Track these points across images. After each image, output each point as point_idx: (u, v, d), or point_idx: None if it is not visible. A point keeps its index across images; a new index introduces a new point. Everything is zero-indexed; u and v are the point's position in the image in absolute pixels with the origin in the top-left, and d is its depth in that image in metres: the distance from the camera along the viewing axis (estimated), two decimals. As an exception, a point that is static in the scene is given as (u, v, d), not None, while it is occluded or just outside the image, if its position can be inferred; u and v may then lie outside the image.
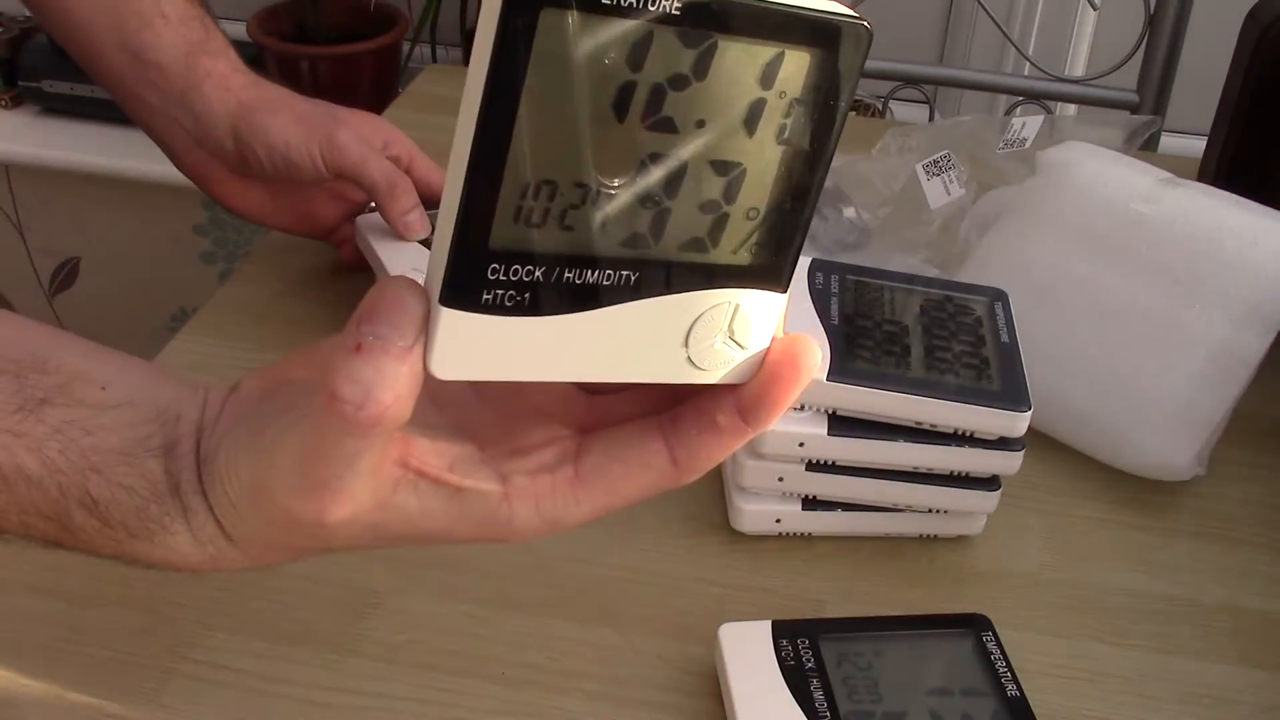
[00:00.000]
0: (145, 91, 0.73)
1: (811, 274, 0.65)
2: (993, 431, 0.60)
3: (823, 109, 0.35)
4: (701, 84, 0.33)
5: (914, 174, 0.87)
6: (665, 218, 0.35)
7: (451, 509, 0.37)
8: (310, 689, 0.54)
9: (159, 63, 0.72)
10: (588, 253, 0.34)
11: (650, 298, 0.35)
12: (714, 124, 0.34)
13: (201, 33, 0.73)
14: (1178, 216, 0.70)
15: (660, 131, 0.33)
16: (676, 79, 0.33)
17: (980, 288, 0.67)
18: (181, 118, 0.73)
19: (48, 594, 0.58)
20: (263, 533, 0.39)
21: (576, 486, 0.38)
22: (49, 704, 0.53)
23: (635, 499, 0.38)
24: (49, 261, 1.81)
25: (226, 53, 0.74)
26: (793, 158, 0.35)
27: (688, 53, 0.33)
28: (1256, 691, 0.58)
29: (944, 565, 0.63)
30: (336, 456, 0.34)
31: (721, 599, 0.60)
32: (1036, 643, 0.59)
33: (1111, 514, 0.67)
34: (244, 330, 0.77)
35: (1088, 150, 0.77)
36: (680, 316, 0.36)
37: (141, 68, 0.72)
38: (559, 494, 0.38)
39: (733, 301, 0.37)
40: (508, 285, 0.33)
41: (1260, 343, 0.68)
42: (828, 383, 0.58)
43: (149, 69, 0.72)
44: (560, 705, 0.55)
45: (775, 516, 0.63)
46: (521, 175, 0.32)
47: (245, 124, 0.72)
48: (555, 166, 0.33)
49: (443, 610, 0.59)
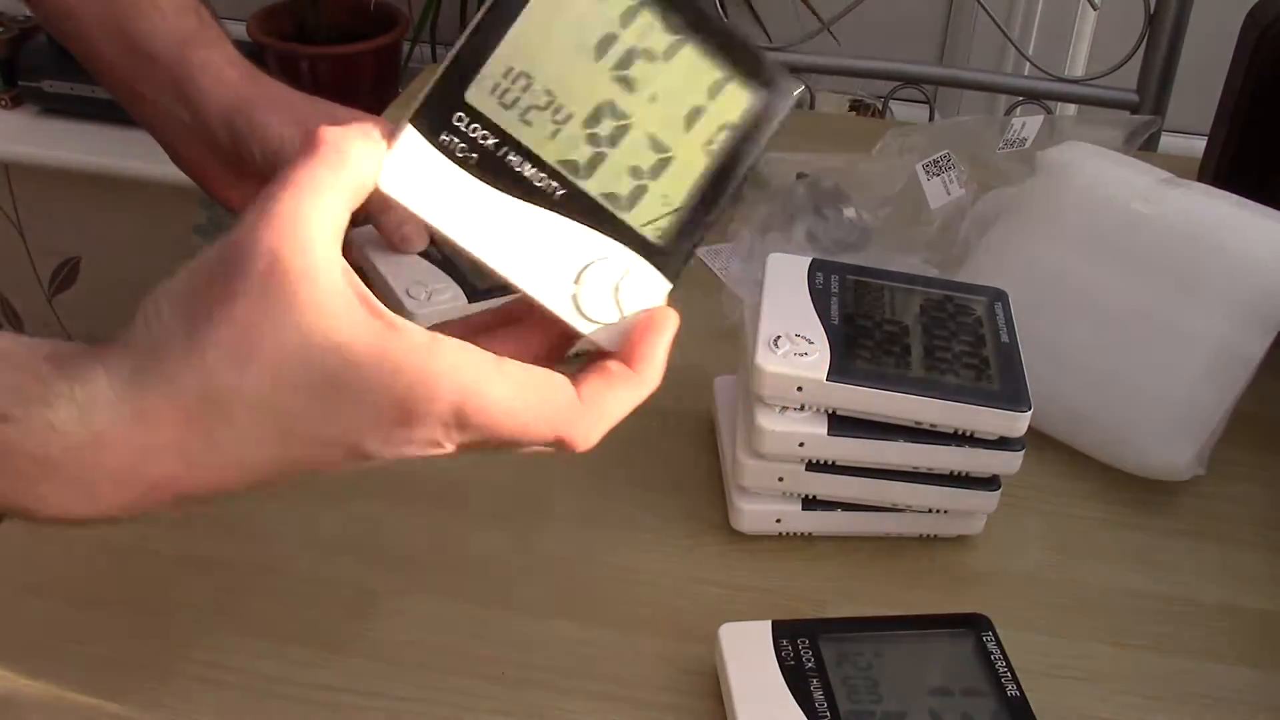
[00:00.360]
0: (139, 83, 0.72)
1: (811, 274, 0.65)
2: (993, 431, 0.60)
3: (743, 141, 0.42)
4: (666, 65, 0.41)
5: (914, 174, 0.87)
6: (600, 160, 0.41)
7: (374, 329, 0.38)
8: (310, 689, 0.54)
9: (152, 53, 0.71)
10: (534, 150, 0.40)
11: (565, 216, 0.41)
12: (662, 105, 0.41)
13: (196, 24, 0.72)
14: (1178, 216, 0.70)
15: (621, 86, 0.41)
16: (648, 51, 0.40)
17: (980, 288, 0.67)
18: (177, 110, 0.72)
19: (48, 594, 0.58)
20: (181, 359, 0.37)
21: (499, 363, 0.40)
22: (49, 704, 0.53)
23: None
24: (49, 261, 1.82)
25: (222, 45, 0.73)
26: (711, 169, 0.42)
27: (663, 36, 0.40)
28: (1256, 691, 0.58)
29: (944, 565, 0.63)
30: (302, 184, 0.37)
31: (721, 599, 0.60)
32: (1036, 643, 0.59)
33: (1111, 514, 0.67)
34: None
35: (1088, 150, 0.77)
36: (582, 249, 0.42)
37: (135, 59, 0.71)
38: (482, 359, 0.40)
39: (629, 265, 0.43)
40: (464, 138, 0.40)
41: (1260, 343, 0.68)
42: (828, 383, 0.58)
43: (142, 60, 0.71)
44: (560, 705, 0.55)
45: (775, 516, 0.63)
46: (509, 55, 0.39)
47: (241, 120, 0.70)
48: (536, 64, 0.40)
49: (443, 610, 0.59)
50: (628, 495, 0.65)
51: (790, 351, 0.59)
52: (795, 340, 0.60)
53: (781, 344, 0.60)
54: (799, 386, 0.59)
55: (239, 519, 0.62)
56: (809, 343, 0.60)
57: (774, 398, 0.59)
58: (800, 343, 0.60)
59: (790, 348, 0.59)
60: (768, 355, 0.59)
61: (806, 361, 0.59)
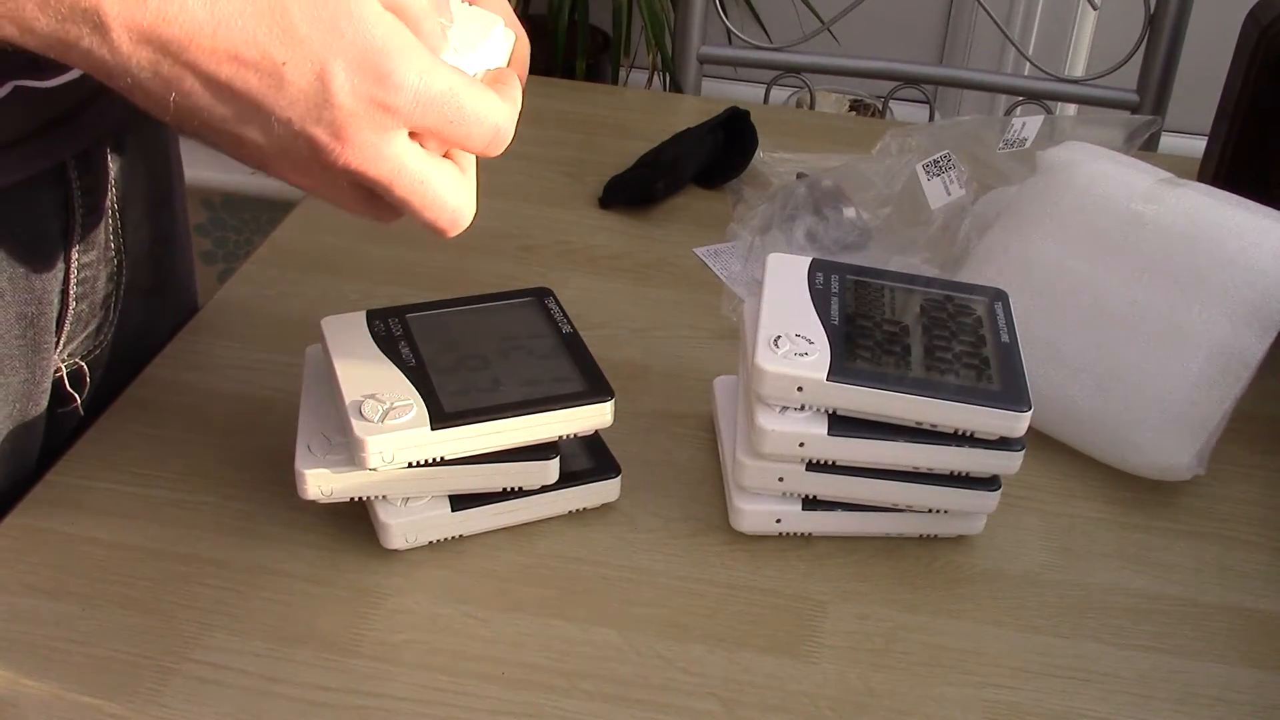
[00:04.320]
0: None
1: (811, 274, 0.65)
2: (993, 431, 0.60)
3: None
4: None
5: (914, 174, 0.87)
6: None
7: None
8: (310, 689, 0.55)
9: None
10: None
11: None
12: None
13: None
14: (1178, 216, 0.70)
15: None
16: None
17: (980, 288, 0.67)
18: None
19: (48, 594, 0.58)
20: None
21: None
22: (49, 704, 0.53)
23: None
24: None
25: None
26: None
27: None
28: (1256, 691, 0.58)
29: (944, 565, 0.63)
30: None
31: (721, 599, 0.60)
32: (1036, 643, 0.59)
33: (1111, 514, 0.68)
34: (244, 330, 0.77)
35: (1088, 150, 0.77)
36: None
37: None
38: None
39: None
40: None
41: (1260, 343, 0.68)
42: (828, 383, 0.58)
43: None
44: (560, 705, 0.55)
45: (775, 516, 0.63)
46: None
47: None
48: None
49: (443, 610, 0.59)
50: (628, 495, 0.65)
51: (790, 351, 0.59)
52: (795, 340, 0.60)
53: (781, 344, 0.60)
54: (799, 386, 0.59)
55: (239, 519, 0.63)
56: (809, 343, 0.60)
57: (774, 398, 0.59)
58: (800, 343, 0.60)
59: (790, 348, 0.59)
60: (768, 355, 0.59)
61: (806, 361, 0.59)
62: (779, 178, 0.96)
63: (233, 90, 0.44)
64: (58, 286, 0.64)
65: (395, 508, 0.60)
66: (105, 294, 0.69)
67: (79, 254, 0.65)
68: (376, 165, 0.46)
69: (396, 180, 0.47)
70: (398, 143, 0.46)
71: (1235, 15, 0.86)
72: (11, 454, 0.64)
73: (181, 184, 0.79)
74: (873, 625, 0.60)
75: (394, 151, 0.46)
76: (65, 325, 0.66)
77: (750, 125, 0.98)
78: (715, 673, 0.56)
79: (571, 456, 0.63)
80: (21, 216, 0.61)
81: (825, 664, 0.57)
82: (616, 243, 0.89)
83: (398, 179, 0.47)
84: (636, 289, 0.84)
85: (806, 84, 1.39)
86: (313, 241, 0.86)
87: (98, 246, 0.66)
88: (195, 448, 0.67)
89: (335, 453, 0.58)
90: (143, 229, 0.72)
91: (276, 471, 0.63)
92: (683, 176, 0.95)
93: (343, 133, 0.45)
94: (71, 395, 0.69)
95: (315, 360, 0.64)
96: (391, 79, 0.45)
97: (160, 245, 0.75)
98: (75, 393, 0.69)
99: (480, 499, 0.61)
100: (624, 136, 0.99)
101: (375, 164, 0.46)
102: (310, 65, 0.44)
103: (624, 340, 0.78)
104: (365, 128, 0.45)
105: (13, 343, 0.62)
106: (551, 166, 0.98)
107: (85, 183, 0.63)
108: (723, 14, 1.34)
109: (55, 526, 0.62)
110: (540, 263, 0.86)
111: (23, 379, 0.63)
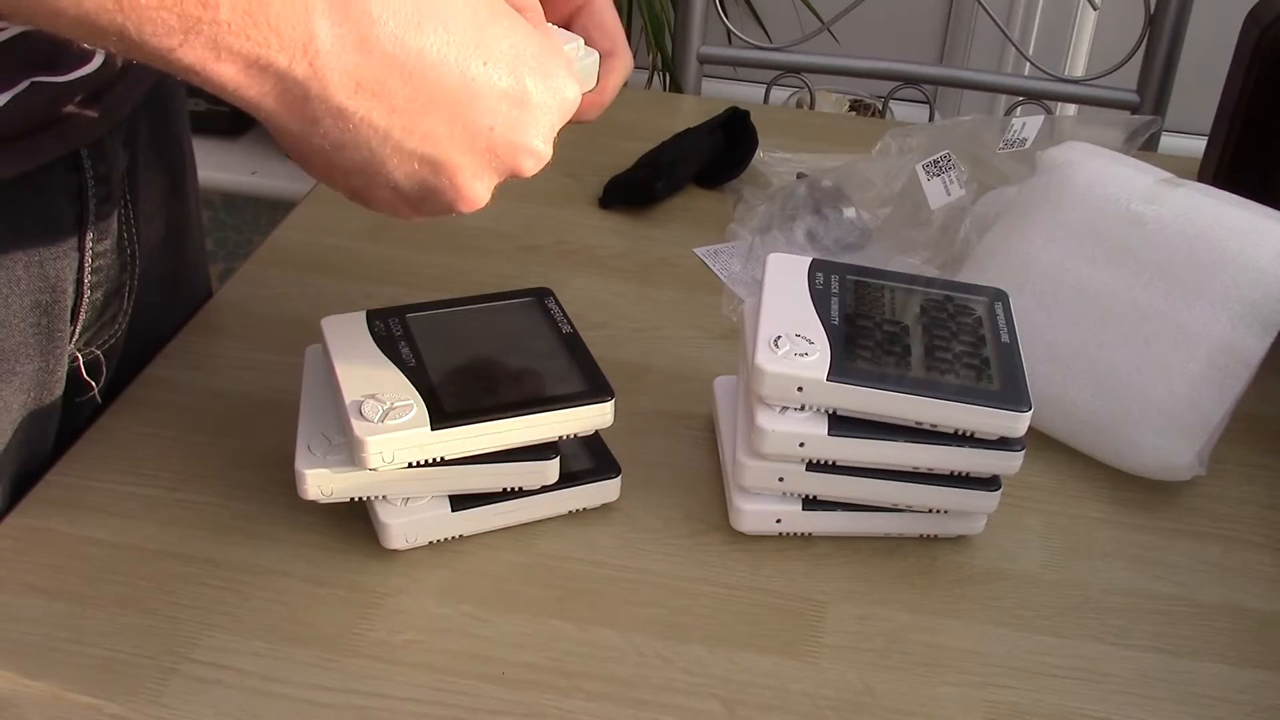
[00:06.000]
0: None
1: (812, 274, 0.65)
2: (993, 431, 0.60)
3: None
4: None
5: (914, 174, 0.87)
6: None
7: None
8: (310, 689, 0.55)
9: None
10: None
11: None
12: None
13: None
14: (1178, 216, 0.70)
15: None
16: None
17: (980, 288, 0.67)
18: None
19: (48, 594, 0.58)
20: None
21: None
22: (49, 704, 0.53)
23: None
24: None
25: None
26: None
27: None
28: (1256, 691, 0.58)
29: (944, 565, 0.63)
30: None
31: (721, 599, 0.60)
32: (1036, 643, 0.59)
33: (1111, 514, 0.68)
34: (244, 330, 0.77)
35: (1088, 150, 0.77)
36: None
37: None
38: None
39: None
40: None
41: (1260, 343, 0.68)
42: (828, 383, 0.58)
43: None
44: (560, 705, 0.55)
45: (775, 516, 0.63)
46: None
47: None
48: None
49: (443, 610, 0.59)
50: (628, 495, 0.65)
51: (790, 351, 0.59)
52: (795, 340, 0.60)
53: (782, 344, 0.60)
54: (799, 386, 0.59)
55: (239, 519, 0.63)
56: (809, 343, 0.60)
57: (774, 398, 0.59)
58: (800, 343, 0.60)
59: (790, 348, 0.59)
60: (768, 355, 0.59)
61: (807, 361, 0.59)
62: (779, 178, 0.96)
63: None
64: (72, 275, 0.64)
65: (395, 508, 0.60)
66: (120, 283, 0.69)
67: (93, 242, 0.65)
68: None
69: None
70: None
71: (1235, 15, 0.86)
72: (26, 441, 0.64)
73: (194, 174, 0.79)
74: (873, 625, 0.60)
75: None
76: (81, 314, 0.66)
77: (750, 125, 0.98)
78: (715, 673, 0.56)
79: (571, 456, 0.63)
80: (36, 204, 0.61)
81: (825, 664, 0.57)
82: (617, 243, 0.89)
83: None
84: (636, 289, 0.84)
85: (806, 84, 1.39)
86: (313, 241, 0.86)
87: (111, 235, 0.66)
88: (195, 448, 0.67)
89: (335, 453, 0.58)
90: (157, 218, 0.72)
91: (276, 471, 0.63)
92: (683, 177, 0.95)
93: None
94: (89, 383, 0.69)
95: (315, 360, 0.64)
96: (550, 62, 0.51)
97: (174, 234, 0.75)
98: (92, 380, 0.69)
99: (480, 499, 0.61)
100: (624, 136, 0.99)
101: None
102: (507, 72, 0.49)
103: (624, 340, 0.78)
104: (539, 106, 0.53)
105: (28, 330, 0.62)
106: (551, 166, 0.97)
107: (99, 171, 0.64)
108: (723, 14, 1.34)
109: (55, 526, 0.62)
110: (540, 263, 0.86)
111: (37, 367, 0.63)
